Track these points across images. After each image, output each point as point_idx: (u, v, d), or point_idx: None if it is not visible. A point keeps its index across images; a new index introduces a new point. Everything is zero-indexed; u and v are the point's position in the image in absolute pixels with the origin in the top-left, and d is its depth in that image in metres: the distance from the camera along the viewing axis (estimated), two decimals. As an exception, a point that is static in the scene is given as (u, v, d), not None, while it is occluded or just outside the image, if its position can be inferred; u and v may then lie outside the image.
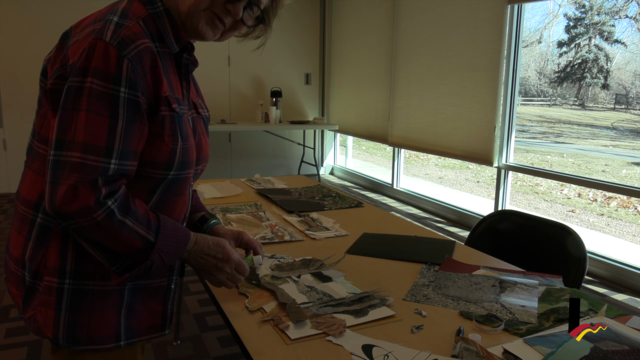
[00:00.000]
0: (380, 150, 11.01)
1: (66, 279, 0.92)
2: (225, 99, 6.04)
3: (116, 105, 0.85)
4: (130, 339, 0.98)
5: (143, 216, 0.91)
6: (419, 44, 4.75)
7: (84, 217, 0.83)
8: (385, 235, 1.68)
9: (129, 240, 0.88)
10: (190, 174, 1.03)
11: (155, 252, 0.91)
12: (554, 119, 18.10)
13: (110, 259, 0.91)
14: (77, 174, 0.83)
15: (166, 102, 0.93)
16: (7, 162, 5.22)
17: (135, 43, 0.88)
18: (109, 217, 0.85)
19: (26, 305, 0.95)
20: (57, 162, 0.83)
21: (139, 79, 0.88)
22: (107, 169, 0.85)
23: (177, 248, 0.96)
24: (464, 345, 0.96)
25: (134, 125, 0.88)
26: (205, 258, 1.02)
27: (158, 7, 0.96)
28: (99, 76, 0.84)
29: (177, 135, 0.95)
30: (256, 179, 2.55)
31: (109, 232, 0.86)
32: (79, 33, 0.92)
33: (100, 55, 0.84)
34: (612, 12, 20.60)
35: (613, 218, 5.87)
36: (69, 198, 0.82)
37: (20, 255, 0.96)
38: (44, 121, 0.94)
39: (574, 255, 1.58)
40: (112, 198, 0.86)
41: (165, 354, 2.29)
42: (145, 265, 0.92)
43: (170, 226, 0.95)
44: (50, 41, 5.10)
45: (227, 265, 1.04)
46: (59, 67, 0.90)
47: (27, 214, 0.96)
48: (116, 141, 0.86)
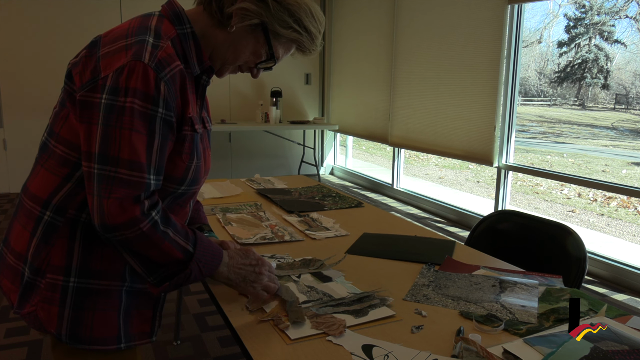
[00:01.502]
0: (380, 150, 11.01)
1: (71, 277, 0.95)
2: (225, 99, 6.04)
3: (154, 124, 0.90)
4: (129, 342, 0.99)
5: (182, 228, 0.96)
6: (419, 43, 4.75)
7: (131, 227, 0.88)
8: (385, 235, 1.68)
9: (170, 250, 0.93)
10: (197, 190, 1.08)
11: (194, 261, 0.96)
12: (554, 119, 18.10)
13: (149, 269, 0.96)
14: (124, 189, 0.87)
15: (190, 122, 0.98)
16: (7, 162, 5.21)
17: (171, 66, 0.92)
18: (154, 228, 0.90)
19: (24, 300, 0.96)
20: (102, 175, 0.87)
21: (172, 100, 0.92)
22: (150, 185, 0.91)
23: (214, 260, 1.01)
24: (464, 345, 0.96)
25: (167, 143, 0.94)
26: (244, 268, 1.07)
27: (186, 28, 0.99)
28: (139, 97, 0.88)
29: (193, 154, 1.00)
30: (256, 179, 2.55)
31: (153, 242, 0.91)
32: (110, 44, 0.93)
33: (140, 77, 0.87)
34: (612, 12, 20.60)
35: (613, 218, 5.87)
36: (117, 211, 0.87)
37: (24, 251, 0.97)
38: (64, 123, 0.96)
39: (574, 255, 1.58)
40: (155, 210, 0.91)
41: (165, 354, 2.29)
42: (185, 274, 0.96)
43: (206, 240, 1.01)
44: (50, 42, 5.11)
45: (263, 267, 1.10)
46: (90, 79, 0.91)
47: (34, 210, 0.97)
48: (153, 158, 0.91)
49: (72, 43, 5.10)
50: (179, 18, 0.99)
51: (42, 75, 5.13)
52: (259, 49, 1.02)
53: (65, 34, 5.11)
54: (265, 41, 1.01)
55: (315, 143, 6.47)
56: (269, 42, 1.01)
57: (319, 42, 1.07)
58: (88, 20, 5.14)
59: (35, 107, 5.14)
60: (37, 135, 5.12)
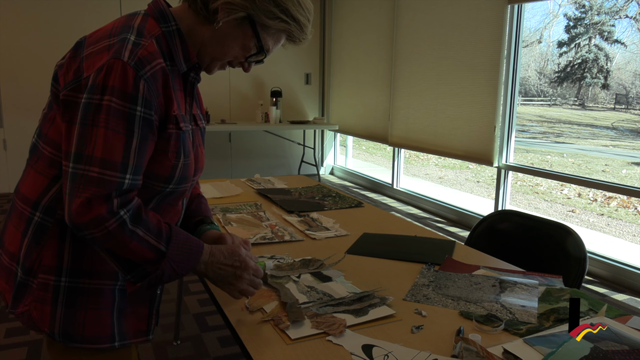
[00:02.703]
0: (380, 150, 11.01)
1: (62, 277, 0.95)
2: (225, 99, 6.04)
3: (132, 123, 0.88)
4: (123, 341, 0.99)
5: (155, 226, 0.93)
6: (419, 43, 4.75)
7: (97, 227, 0.87)
8: (385, 235, 1.68)
9: (139, 250, 0.91)
10: (187, 188, 1.06)
11: (166, 261, 0.93)
12: (554, 119, 18.10)
13: (125, 268, 0.96)
14: (94, 187, 0.86)
15: (174, 120, 0.96)
16: (7, 162, 5.22)
17: (152, 64, 0.90)
18: (121, 227, 0.88)
19: (17, 300, 0.97)
20: (75, 174, 0.86)
21: (153, 98, 0.91)
22: (122, 184, 0.88)
23: (189, 258, 0.97)
24: (464, 345, 0.96)
25: (147, 142, 0.92)
26: (223, 268, 1.02)
27: (171, 25, 0.98)
28: (117, 95, 0.86)
29: (180, 152, 0.98)
30: (256, 179, 2.55)
31: (120, 241, 0.89)
32: (93, 45, 0.93)
33: (118, 75, 0.86)
34: (612, 12, 20.60)
35: (613, 218, 5.87)
36: (84, 210, 0.86)
37: (16, 251, 0.98)
38: (51, 125, 0.96)
39: (574, 255, 1.58)
40: (125, 208, 0.89)
41: (165, 354, 2.29)
42: (156, 275, 0.94)
43: (183, 237, 0.97)
44: (50, 41, 5.10)
45: (245, 272, 1.04)
46: (73, 78, 0.91)
47: (25, 211, 0.98)
48: (131, 157, 0.89)
49: (72, 43, 5.02)
50: (164, 16, 0.98)
51: (42, 75, 5.13)
52: (247, 42, 1.00)
53: (65, 34, 5.11)
54: (254, 34, 0.99)
55: (315, 143, 6.46)
56: (257, 34, 0.99)
57: (308, 31, 1.05)
58: (88, 20, 5.14)
59: (36, 107, 5.13)
60: (37, 135, 5.12)
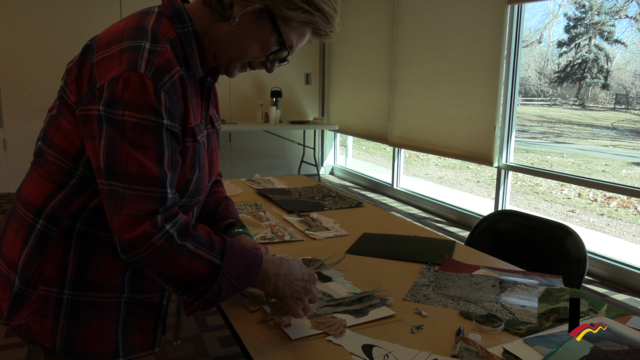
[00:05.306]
0: (380, 150, 11.01)
1: (65, 289, 0.90)
2: (225, 98, 6.04)
3: (160, 136, 0.84)
4: (128, 356, 0.96)
5: (206, 239, 0.87)
6: (419, 43, 4.75)
7: (144, 244, 0.81)
8: (385, 235, 1.68)
9: (192, 265, 0.85)
10: (200, 200, 1.01)
11: (222, 275, 0.87)
12: (554, 119, 18.09)
13: (180, 288, 0.87)
14: (134, 204, 0.82)
15: (192, 133, 0.91)
16: (7, 162, 5.21)
17: (170, 72, 0.85)
18: (168, 242, 0.83)
19: (13, 312, 0.92)
20: (112, 191, 0.82)
21: (175, 110, 0.86)
22: (164, 199, 0.84)
23: (248, 271, 0.91)
24: (464, 345, 0.96)
25: (177, 154, 0.88)
26: (296, 283, 0.96)
27: (187, 26, 0.91)
28: (139, 110, 0.81)
29: (195, 166, 0.94)
30: (256, 179, 2.55)
31: (170, 258, 0.83)
32: (104, 49, 0.86)
33: (138, 90, 0.81)
34: (612, 12, 20.60)
35: (613, 218, 5.87)
36: (127, 227, 0.81)
37: (15, 259, 0.93)
38: (58, 130, 0.91)
39: (574, 255, 1.58)
40: (170, 222, 0.84)
41: (165, 354, 2.29)
42: (213, 292, 0.87)
43: (238, 248, 0.91)
44: (50, 41, 5.11)
45: (313, 285, 0.99)
46: (88, 90, 0.85)
47: (27, 218, 0.93)
48: (166, 171, 0.85)
49: (72, 43, 5.10)
50: (179, 16, 0.90)
51: (42, 75, 5.13)
52: (267, 38, 0.91)
53: (65, 34, 5.11)
54: (273, 28, 0.90)
55: (315, 143, 6.46)
56: (277, 28, 0.89)
57: (336, 22, 0.94)
58: (88, 20, 5.14)
59: (35, 107, 5.13)
60: (36, 136, 5.11)
